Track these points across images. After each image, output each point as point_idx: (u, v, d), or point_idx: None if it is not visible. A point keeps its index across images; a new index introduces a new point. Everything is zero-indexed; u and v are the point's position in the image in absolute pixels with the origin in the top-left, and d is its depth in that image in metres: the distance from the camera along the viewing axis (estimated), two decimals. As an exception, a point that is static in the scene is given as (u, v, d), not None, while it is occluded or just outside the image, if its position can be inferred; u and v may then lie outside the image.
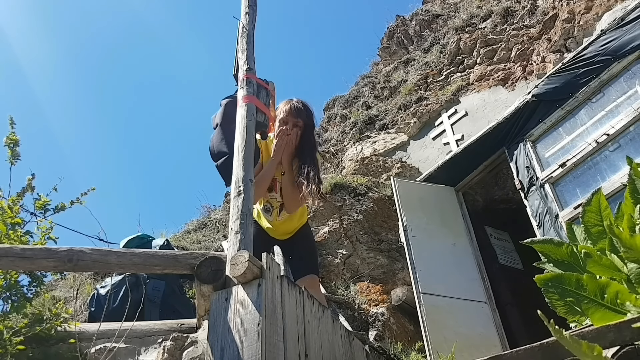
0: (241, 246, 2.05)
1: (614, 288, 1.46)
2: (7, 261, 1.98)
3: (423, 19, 9.32)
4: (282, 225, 3.12)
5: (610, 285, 1.47)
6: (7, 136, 3.00)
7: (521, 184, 4.74)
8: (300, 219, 3.20)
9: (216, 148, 2.98)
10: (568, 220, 4.09)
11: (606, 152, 4.12)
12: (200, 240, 6.47)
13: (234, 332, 1.69)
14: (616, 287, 1.47)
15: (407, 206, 5.17)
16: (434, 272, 4.73)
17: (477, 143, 5.34)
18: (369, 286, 5.16)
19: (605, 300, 1.46)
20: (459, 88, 6.71)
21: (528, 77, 6.04)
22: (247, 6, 3.39)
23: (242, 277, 1.77)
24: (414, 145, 6.73)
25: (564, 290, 1.54)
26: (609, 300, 1.46)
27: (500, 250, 5.95)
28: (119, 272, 3.62)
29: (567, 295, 1.52)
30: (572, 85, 4.53)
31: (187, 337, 2.08)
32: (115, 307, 3.61)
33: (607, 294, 1.46)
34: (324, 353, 1.95)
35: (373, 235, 5.82)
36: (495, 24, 7.29)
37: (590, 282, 1.49)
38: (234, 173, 2.41)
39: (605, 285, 1.48)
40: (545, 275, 1.59)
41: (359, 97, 8.68)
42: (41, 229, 2.89)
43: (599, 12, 5.64)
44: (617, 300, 1.45)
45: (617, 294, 1.45)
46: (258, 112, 2.83)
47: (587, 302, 1.48)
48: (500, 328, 4.59)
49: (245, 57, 3.05)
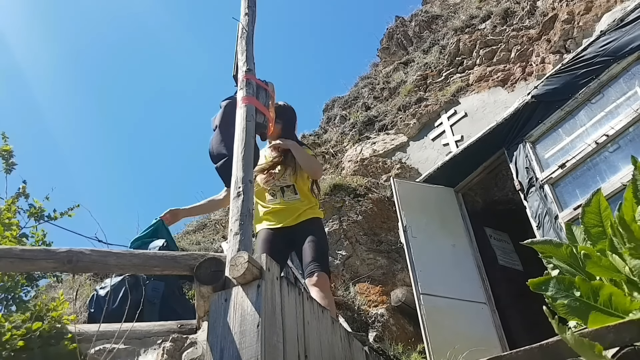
0: (240, 247, 2.05)
1: (607, 290, 1.46)
2: (6, 262, 1.98)
3: (422, 20, 9.33)
4: (291, 205, 3.25)
5: (603, 288, 1.47)
6: (0, 147, 3.03)
7: (521, 184, 4.74)
8: (310, 203, 3.30)
9: (215, 150, 2.98)
10: (568, 221, 4.09)
11: (606, 153, 4.12)
12: (199, 241, 6.47)
13: (234, 333, 1.69)
14: (609, 289, 1.47)
15: (406, 207, 5.17)
16: (434, 273, 4.72)
17: (477, 144, 5.34)
18: (368, 287, 5.16)
19: (599, 303, 1.46)
20: (459, 89, 6.71)
21: (527, 78, 6.05)
22: (247, 7, 3.39)
23: (242, 278, 1.77)
24: (414, 146, 6.73)
25: (557, 293, 1.53)
26: (602, 303, 1.45)
27: (500, 251, 5.95)
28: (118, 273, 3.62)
29: (561, 297, 1.52)
30: (572, 86, 4.53)
31: (186, 338, 2.08)
32: (115, 308, 3.60)
33: (600, 296, 1.46)
34: (323, 354, 1.95)
35: (373, 236, 5.82)
36: (495, 25, 7.30)
37: (583, 284, 1.49)
38: (234, 174, 2.41)
39: (598, 287, 1.48)
40: (539, 279, 1.59)
41: (358, 98, 8.69)
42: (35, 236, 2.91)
43: (598, 13, 5.65)
44: (610, 302, 1.45)
45: (611, 296, 1.45)
46: (257, 113, 2.83)
47: (579, 305, 1.48)
48: (499, 329, 4.59)
49: (244, 58, 3.05)
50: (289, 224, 3.20)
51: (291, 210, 3.24)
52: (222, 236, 6.40)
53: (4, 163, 3.03)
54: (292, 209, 3.24)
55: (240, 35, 3.23)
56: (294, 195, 3.28)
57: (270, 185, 3.30)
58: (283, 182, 3.30)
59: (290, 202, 3.27)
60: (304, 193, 3.31)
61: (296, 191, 3.30)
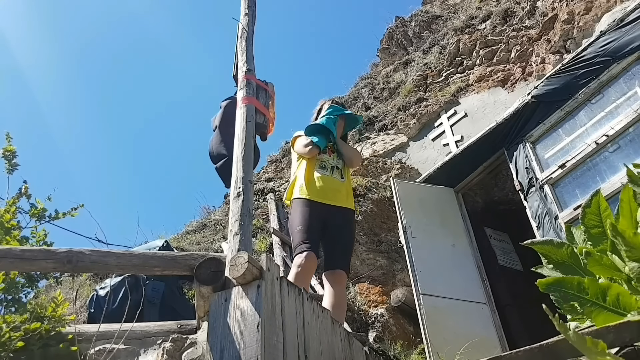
0: (241, 247, 2.05)
1: (615, 290, 1.46)
2: (6, 262, 1.98)
3: (422, 20, 9.33)
4: (336, 181, 3.35)
5: (611, 288, 1.47)
6: (4, 148, 3.03)
7: (521, 185, 4.74)
8: (349, 190, 3.43)
9: (215, 150, 2.99)
10: (568, 221, 4.08)
11: (606, 153, 4.11)
12: (199, 242, 6.47)
13: (234, 334, 1.69)
14: (617, 289, 1.47)
15: (406, 207, 5.16)
16: (434, 273, 4.72)
17: (477, 144, 5.33)
18: (368, 287, 5.16)
19: (607, 303, 1.46)
20: (459, 89, 6.71)
21: (527, 78, 6.05)
22: (247, 7, 3.39)
23: (242, 278, 1.77)
24: (414, 147, 6.73)
25: (566, 294, 1.53)
26: (611, 303, 1.45)
27: (500, 251, 5.95)
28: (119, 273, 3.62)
29: (569, 299, 1.52)
30: (572, 87, 4.52)
31: (186, 339, 2.08)
32: (115, 308, 3.61)
33: (608, 296, 1.46)
34: (323, 354, 1.95)
35: (372, 236, 5.82)
36: (495, 25, 7.30)
37: (592, 285, 1.49)
38: (234, 174, 2.41)
39: (606, 287, 1.48)
40: (547, 280, 1.59)
41: (358, 98, 8.69)
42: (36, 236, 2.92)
43: (598, 13, 5.65)
44: (618, 302, 1.45)
45: (618, 296, 1.45)
46: (257, 114, 2.84)
47: (589, 305, 1.48)
48: (499, 329, 4.58)
49: (244, 59, 3.06)
50: (330, 202, 3.24)
51: (336, 186, 3.32)
52: (222, 236, 6.39)
53: (7, 163, 3.03)
54: (338, 184, 3.34)
55: (240, 36, 3.23)
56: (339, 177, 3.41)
57: (321, 158, 3.41)
58: (331, 164, 3.43)
59: (337, 179, 3.37)
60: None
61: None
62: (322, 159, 3.37)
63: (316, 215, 3.12)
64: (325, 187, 3.22)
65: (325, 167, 3.36)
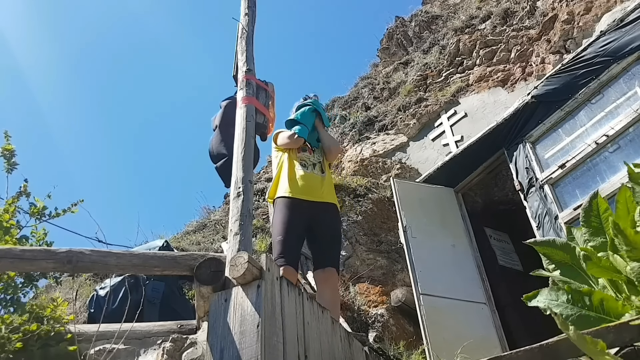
0: (240, 247, 2.05)
1: (598, 296, 1.48)
2: (6, 262, 1.98)
3: (422, 20, 9.33)
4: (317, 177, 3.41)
5: (594, 294, 1.49)
6: (2, 146, 3.03)
7: (520, 185, 4.74)
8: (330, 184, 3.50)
9: (215, 150, 2.99)
10: (568, 221, 4.09)
11: (606, 154, 4.11)
12: (199, 242, 6.46)
13: (234, 334, 1.69)
14: (599, 295, 1.48)
15: (406, 207, 5.16)
16: (434, 273, 4.72)
17: (477, 144, 5.33)
18: (368, 287, 5.16)
19: (592, 309, 1.47)
20: (459, 89, 6.71)
21: (527, 78, 6.04)
22: (247, 7, 3.39)
23: (242, 278, 1.77)
24: (414, 147, 6.73)
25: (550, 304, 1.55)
26: (595, 309, 1.47)
27: (500, 251, 5.95)
28: (118, 273, 3.62)
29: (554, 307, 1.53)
30: (572, 87, 4.53)
31: (186, 339, 2.08)
32: (115, 308, 3.61)
33: (592, 302, 1.48)
34: (323, 354, 1.95)
35: (372, 236, 5.81)
36: (495, 25, 7.29)
37: (574, 293, 1.50)
38: (234, 174, 2.41)
39: (588, 294, 1.49)
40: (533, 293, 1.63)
41: (358, 98, 8.68)
42: (36, 235, 2.91)
43: (598, 13, 5.64)
44: (602, 308, 1.46)
45: (602, 302, 1.46)
46: (257, 113, 2.84)
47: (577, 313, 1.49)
48: (499, 329, 4.58)
49: (244, 58, 3.06)
50: (314, 199, 3.29)
51: (317, 183, 3.38)
52: (222, 236, 6.39)
53: (6, 162, 3.03)
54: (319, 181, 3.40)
55: (240, 36, 3.24)
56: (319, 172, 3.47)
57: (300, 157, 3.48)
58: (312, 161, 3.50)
59: (317, 175, 3.44)
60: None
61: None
62: (302, 157, 3.45)
63: (299, 214, 3.18)
64: (307, 185, 3.30)
65: (306, 165, 3.44)
